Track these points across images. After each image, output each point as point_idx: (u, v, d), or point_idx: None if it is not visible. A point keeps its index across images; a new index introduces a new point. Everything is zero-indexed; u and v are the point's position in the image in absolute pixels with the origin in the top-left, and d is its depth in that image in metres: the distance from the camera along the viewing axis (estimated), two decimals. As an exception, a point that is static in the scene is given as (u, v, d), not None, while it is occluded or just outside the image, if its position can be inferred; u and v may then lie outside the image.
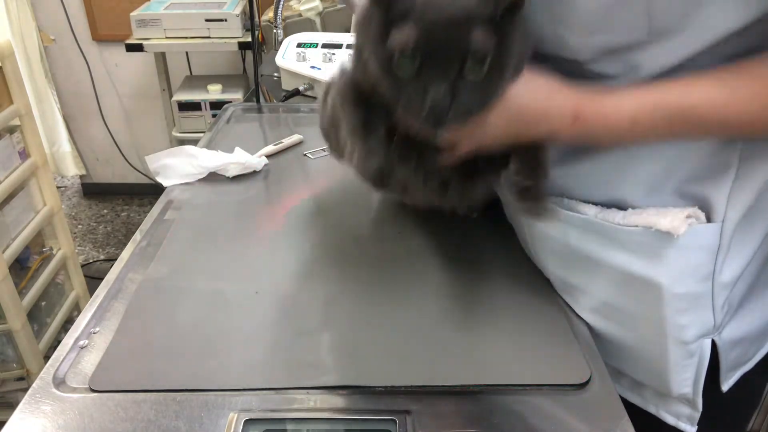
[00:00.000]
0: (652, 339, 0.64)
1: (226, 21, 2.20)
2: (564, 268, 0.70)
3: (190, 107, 2.29)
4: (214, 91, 2.30)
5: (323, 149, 1.12)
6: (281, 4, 1.67)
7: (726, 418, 0.73)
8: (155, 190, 0.99)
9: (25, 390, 0.61)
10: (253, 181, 1.01)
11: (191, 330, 0.68)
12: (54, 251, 1.74)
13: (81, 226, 2.81)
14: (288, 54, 1.44)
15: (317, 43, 1.45)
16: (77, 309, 1.85)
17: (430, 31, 0.50)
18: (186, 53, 2.61)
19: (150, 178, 1.14)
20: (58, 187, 2.40)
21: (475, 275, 0.77)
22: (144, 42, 2.21)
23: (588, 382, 0.61)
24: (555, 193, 0.67)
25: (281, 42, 1.52)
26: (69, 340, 0.66)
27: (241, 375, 0.61)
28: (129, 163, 2.86)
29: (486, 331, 0.67)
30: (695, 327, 0.62)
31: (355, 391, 0.60)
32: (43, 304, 1.71)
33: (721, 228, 0.59)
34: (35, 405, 0.58)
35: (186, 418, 0.56)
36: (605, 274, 0.65)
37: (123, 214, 2.91)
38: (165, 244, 0.83)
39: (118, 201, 2.99)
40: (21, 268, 1.62)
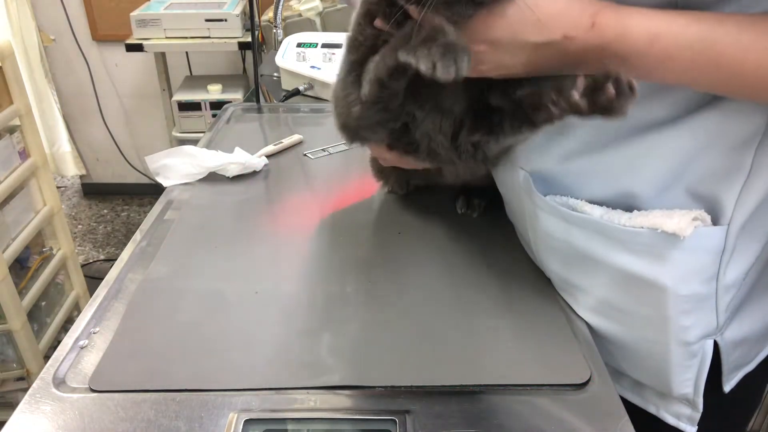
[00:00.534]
0: (654, 339, 0.64)
1: (226, 21, 2.20)
2: (565, 267, 0.70)
3: (190, 107, 2.30)
4: (214, 91, 2.31)
5: (323, 149, 1.12)
6: (281, 4, 1.67)
7: (726, 418, 0.73)
8: (155, 190, 0.99)
9: (25, 390, 0.62)
10: (253, 181, 1.01)
11: (191, 330, 0.68)
12: (54, 251, 1.74)
13: (81, 226, 2.81)
14: (288, 54, 1.44)
15: (317, 43, 1.45)
16: (77, 309, 1.85)
17: None
18: (186, 53, 2.61)
19: (150, 178, 1.14)
20: (58, 187, 2.40)
21: (475, 275, 0.77)
22: (144, 42, 2.21)
23: (588, 382, 0.61)
24: (560, 193, 0.67)
25: (281, 42, 1.52)
26: (69, 340, 0.66)
27: (241, 375, 0.61)
28: (129, 163, 2.86)
29: (486, 331, 0.67)
30: (698, 328, 0.62)
31: (355, 391, 0.60)
32: (43, 304, 1.71)
33: (728, 230, 0.59)
34: (35, 405, 0.58)
35: (186, 418, 0.56)
36: (608, 274, 0.65)
37: (123, 214, 2.91)
38: (165, 244, 0.83)
39: (118, 201, 2.99)
40: (21, 268, 1.62)
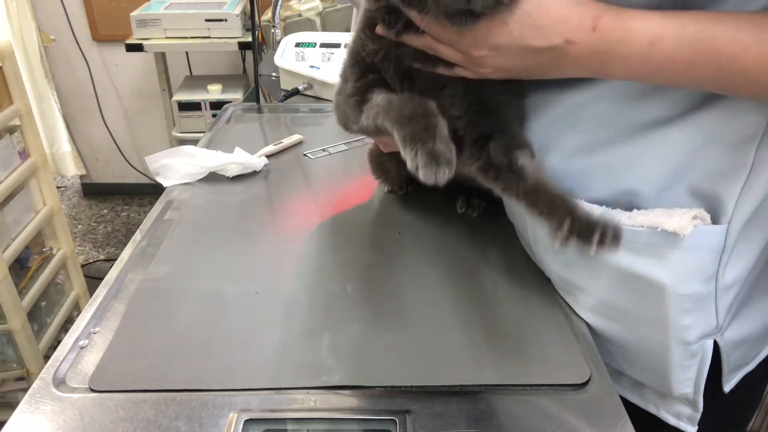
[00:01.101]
0: (654, 339, 0.64)
1: (226, 21, 2.20)
2: (565, 267, 0.70)
3: (190, 107, 2.30)
4: (214, 91, 2.31)
5: (323, 149, 1.12)
6: (279, 4, 1.67)
7: (726, 418, 0.73)
8: (155, 190, 0.99)
9: (25, 390, 0.62)
10: (253, 181, 1.01)
11: (191, 330, 0.68)
12: (54, 251, 1.74)
13: (81, 226, 2.81)
14: (287, 54, 1.44)
15: (315, 43, 1.45)
16: (77, 309, 1.85)
17: None
18: (186, 53, 2.61)
19: (150, 178, 1.14)
20: (58, 187, 2.40)
21: (475, 275, 0.77)
22: (144, 42, 2.21)
23: (588, 382, 0.61)
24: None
25: (279, 42, 1.52)
26: (69, 340, 0.66)
27: (241, 375, 0.61)
28: (129, 163, 2.86)
29: (486, 331, 0.67)
30: (698, 327, 0.62)
31: (355, 391, 0.60)
32: (43, 304, 1.71)
33: (727, 229, 0.59)
34: (35, 405, 0.58)
35: (186, 418, 0.56)
36: (608, 273, 0.65)
37: (123, 214, 2.91)
38: (165, 244, 0.83)
39: (118, 201, 2.99)
40: (21, 268, 1.62)
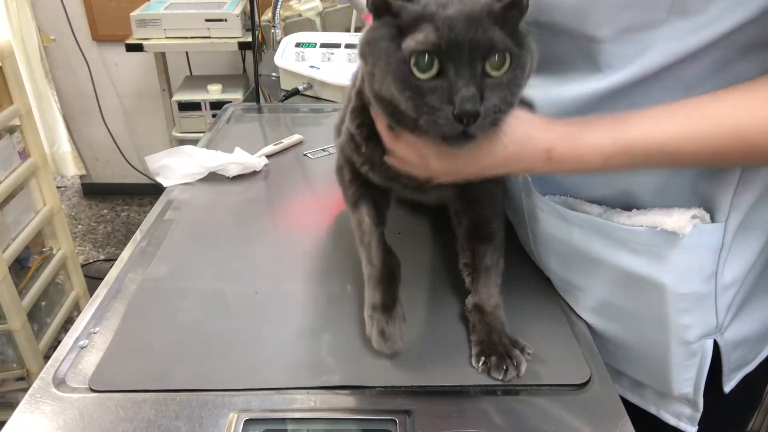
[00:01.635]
0: (653, 339, 0.64)
1: (226, 21, 2.20)
2: (566, 267, 0.70)
3: (190, 107, 2.29)
4: (214, 91, 2.30)
5: (323, 149, 1.12)
6: (279, 4, 1.67)
7: (726, 418, 0.73)
8: (155, 190, 0.99)
9: (25, 390, 0.62)
10: (253, 181, 1.01)
11: (191, 330, 0.68)
12: (54, 251, 1.74)
13: (81, 226, 2.81)
14: (287, 54, 1.44)
15: (315, 43, 1.45)
16: (77, 309, 1.85)
17: (450, 27, 0.48)
18: (186, 53, 2.61)
19: (150, 178, 1.14)
20: (58, 187, 2.40)
21: (475, 275, 0.77)
22: (144, 42, 2.21)
23: (588, 382, 0.61)
24: (559, 192, 0.67)
25: (280, 42, 1.52)
26: (69, 340, 0.66)
27: (241, 375, 0.61)
28: (129, 163, 2.86)
29: (486, 331, 0.67)
30: (698, 327, 0.62)
31: (355, 391, 0.60)
32: (43, 304, 1.71)
33: (725, 227, 0.59)
34: (35, 405, 0.58)
35: (186, 418, 0.56)
36: (607, 273, 0.65)
37: (123, 214, 2.91)
38: (165, 244, 0.83)
39: (118, 201, 2.99)
40: (21, 268, 1.62)
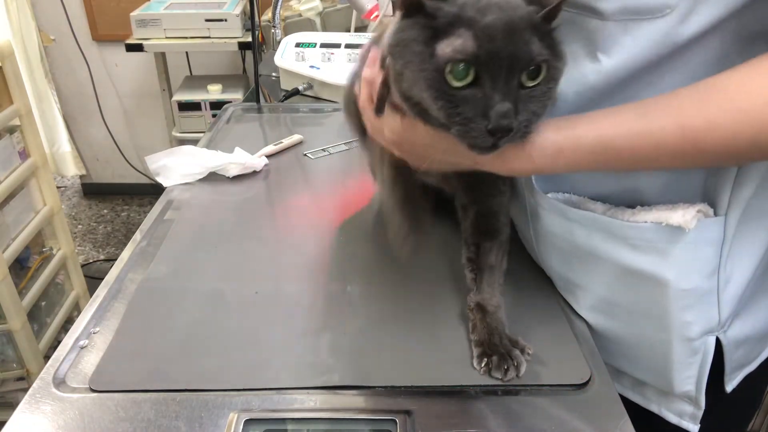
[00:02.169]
0: (655, 336, 0.64)
1: (226, 21, 2.20)
2: (566, 265, 0.70)
3: (190, 107, 2.29)
4: (214, 91, 2.30)
5: (323, 149, 1.12)
6: (279, 3, 1.67)
7: (727, 418, 0.73)
8: (155, 190, 0.99)
9: (25, 390, 0.61)
10: (253, 181, 1.01)
11: (191, 330, 0.68)
12: (54, 251, 1.74)
13: (81, 226, 2.81)
14: (287, 54, 1.44)
15: (315, 43, 1.45)
16: (77, 309, 1.85)
17: (490, 37, 0.45)
18: (186, 53, 2.61)
19: (150, 178, 1.14)
20: (58, 187, 2.40)
21: (475, 275, 0.77)
22: (144, 42, 2.21)
23: (588, 382, 0.61)
24: (563, 190, 0.67)
25: (280, 42, 1.52)
26: (69, 340, 0.66)
27: (241, 375, 0.61)
28: (129, 163, 2.86)
29: (486, 331, 0.67)
30: (700, 323, 0.62)
31: (355, 391, 0.60)
32: (43, 304, 1.71)
33: (725, 220, 0.59)
34: (35, 405, 0.58)
35: (186, 418, 0.56)
36: (609, 271, 0.65)
37: (123, 214, 2.91)
38: (165, 244, 0.83)
39: (118, 201, 2.99)
40: (21, 268, 1.62)
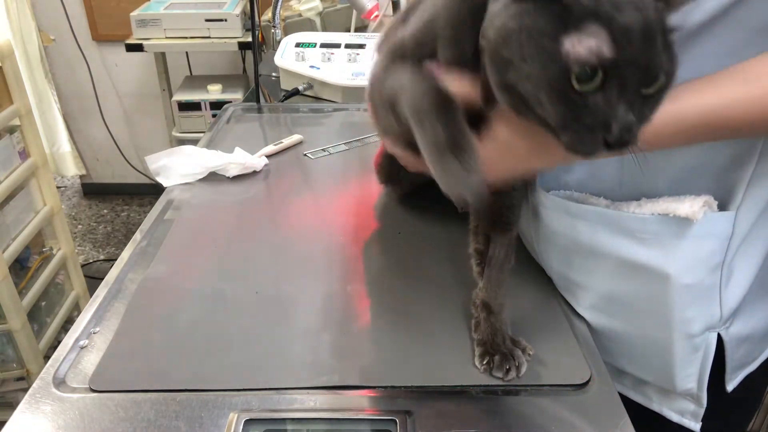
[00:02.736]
0: (656, 332, 0.64)
1: (226, 21, 2.20)
2: (567, 264, 0.70)
3: (190, 107, 2.29)
4: (214, 91, 2.30)
5: (323, 149, 1.12)
6: (279, 3, 1.67)
7: (728, 418, 0.73)
8: (155, 190, 0.99)
9: (25, 390, 0.62)
10: (253, 181, 1.01)
11: (191, 330, 0.68)
12: (54, 251, 1.74)
13: (81, 226, 2.81)
14: (287, 54, 1.44)
15: (315, 43, 1.45)
16: (77, 309, 1.85)
17: (628, 41, 0.41)
18: (186, 53, 2.61)
19: (150, 178, 1.14)
20: (58, 187, 2.40)
21: (475, 275, 0.77)
22: (144, 42, 2.21)
23: (588, 382, 0.61)
24: (565, 188, 0.67)
25: (280, 42, 1.52)
26: (69, 340, 0.66)
27: (241, 375, 0.61)
28: (129, 163, 2.86)
29: (486, 331, 0.67)
30: (701, 319, 0.61)
31: (355, 391, 0.60)
32: (43, 304, 1.71)
33: (735, 216, 0.58)
34: (35, 405, 0.58)
35: (186, 418, 0.56)
36: (610, 266, 0.64)
37: (123, 214, 2.91)
38: (165, 244, 0.83)
39: (118, 201, 2.99)
40: (21, 268, 1.62)
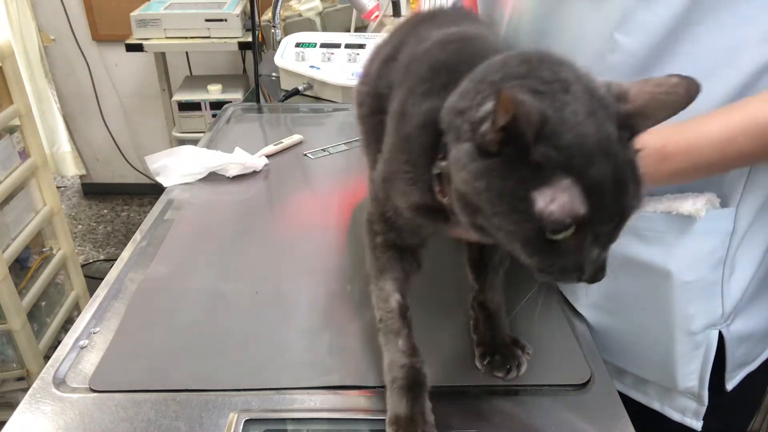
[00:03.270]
0: (657, 330, 0.64)
1: (226, 21, 2.20)
2: None
3: (190, 107, 2.29)
4: (214, 91, 2.30)
5: (323, 149, 1.12)
6: (279, 3, 1.67)
7: (728, 418, 0.73)
8: (155, 190, 0.99)
9: (25, 390, 0.61)
10: (253, 181, 1.01)
11: (191, 330, 0.68)
12: (54, 251, 1.74)
13: (81, 226, 2.81)
14: (287, 54, 1.44)
15: (315, 43, 1.45)
16: (77, 309, 1.85)
17: (600, 195, 0.39)
18: (186, 53, 2.61)
19: (150, 178, 1.14)
20: (58, 187, 2.40)
21: (475, 275, 0.77)
22: (144, 42, 2.20)
23: (588, 382, 0.61)
24: None
25: (280, 42, 1.52)
26: (69, 340, 0.66)
27: (241, 375, 0.61)
28: (129, 163, 2.86)
29: (486, 331, 0.67)
30: (703, 316, 0.62)
31: (355, 391, 0.60)
32: (43, 304, 1.71)
33: (736, 213, 0.59)
34: (35, 405, 0.58)
35: (186, 418, 0.56)
36: (613, 265, 0.64)
37: (123, 214, 2.91)
38: (165, 244, 0.83)
39: (118, 201, 2.99)
40: (21, 268, 1.62)
